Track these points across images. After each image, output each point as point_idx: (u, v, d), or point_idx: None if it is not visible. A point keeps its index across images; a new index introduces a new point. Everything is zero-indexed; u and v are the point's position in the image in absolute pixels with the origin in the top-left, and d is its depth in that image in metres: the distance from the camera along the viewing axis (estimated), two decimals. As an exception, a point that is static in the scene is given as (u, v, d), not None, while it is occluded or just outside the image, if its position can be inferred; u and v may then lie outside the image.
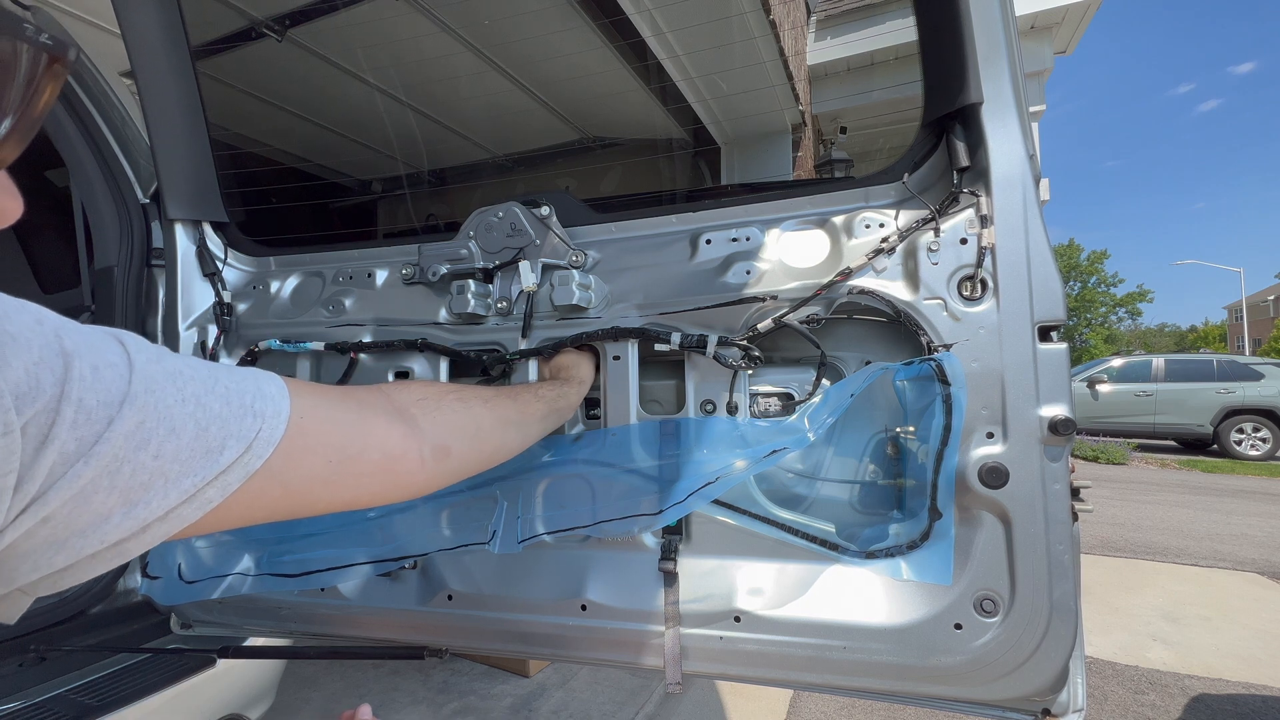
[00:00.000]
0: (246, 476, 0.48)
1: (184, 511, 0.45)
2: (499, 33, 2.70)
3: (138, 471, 0.42)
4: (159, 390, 0.44)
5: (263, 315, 1.36)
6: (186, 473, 0.45)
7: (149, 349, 0.46)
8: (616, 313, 1.12)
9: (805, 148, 4.79)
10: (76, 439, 0.39)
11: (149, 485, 0.43)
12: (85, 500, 0.40)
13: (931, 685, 0.93)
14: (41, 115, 0.32)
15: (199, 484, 0.45)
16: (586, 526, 1.08)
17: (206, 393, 0.47)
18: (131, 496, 0.42)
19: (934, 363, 0.91)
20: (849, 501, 1.07)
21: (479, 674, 2.92)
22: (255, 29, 2.47)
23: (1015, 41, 0.91)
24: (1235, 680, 2.96)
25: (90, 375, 0.40)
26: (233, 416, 0.48)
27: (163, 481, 0.44)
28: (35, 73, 0.32)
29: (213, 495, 0.46)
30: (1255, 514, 6.48)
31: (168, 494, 0.44)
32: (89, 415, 0.40)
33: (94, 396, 0.40)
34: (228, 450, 0.47)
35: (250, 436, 0.48)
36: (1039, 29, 5.63)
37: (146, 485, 0.43)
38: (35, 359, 0.38)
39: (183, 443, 0.44)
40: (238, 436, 0.48)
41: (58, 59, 0.34)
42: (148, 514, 0.43)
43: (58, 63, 0.35)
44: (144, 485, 0.43)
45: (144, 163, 1.54)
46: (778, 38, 3.54)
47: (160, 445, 0.43)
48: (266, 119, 3.10)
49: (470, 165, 3.62)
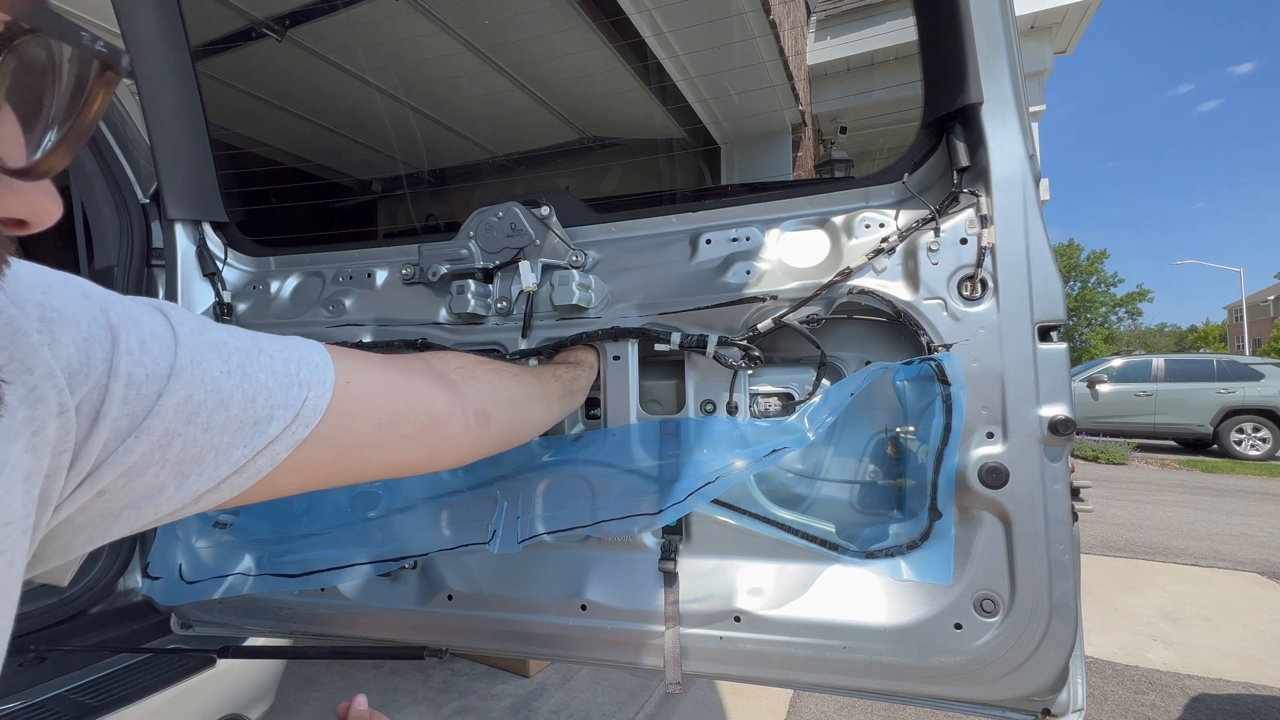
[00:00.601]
0: (295, 445, 0.48)
1: (235, 481, 0.46)
2: (499, 33, 2.70)
3: (189, 445, 0.42)
4: (205, 362, 0.44)
5: (263, 315, 1.36)
6: (236, 444, 0.45)
7: (191, 320, 0.46)
8: (616, 313, 1.12)
9: (805, 148, 4.79)
10: (128, 414, 0.39)
11: (200, 458, 0.43)
12: (138, 474, 0.41)
13: (931, 685, 0.93)
14: (92, 124, 0.32)
15: (249, 454, 0.45)
16: (586, 526, 1.08)
17: (252, 363, 0.47)
18: (183, 469, 0.43)
19: (934, 363, 0.91)
20: (849, 501, 1.07)
21: (479, 674, 2.92)
22: (255, 29, 2.47)
23: (1015, 41, 0.91)
24: (1235, 680, 2.96)
25: (138, 349, 0.40)
26: (279, 386, 0.48)
27: (213, 454, 0.44)
28: (87, 80, 0.31)
29: (263, 465, 0.47)
30: (1255, 514, 6.48)
31: (219, 466, 0.44)
32: (139, 390, 0.40)
33: (143, 370, 0.40)
34: (276, 420, 0.47)
35: (297, 405, 0.48)
36: (1039, 29, 5.63)
37: (198, 458, 0.43)
38: (85, 335, 0.38)
39: (231, 414, 0.44)
40: (285, 406, 0.48)
41: (110, 66, 0.33)
42: (199, 485, 0.43)
43: (110, 70, 0.33)
44: (195, 458, 0.43)
45: (144, 163, 1.54)
46: (778, 38, 3.54)
47: (210, 417, 0.43)
48: (266, 119, 3.10)
49: (470, 165, 3.62)
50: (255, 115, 3.07)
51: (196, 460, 0.43)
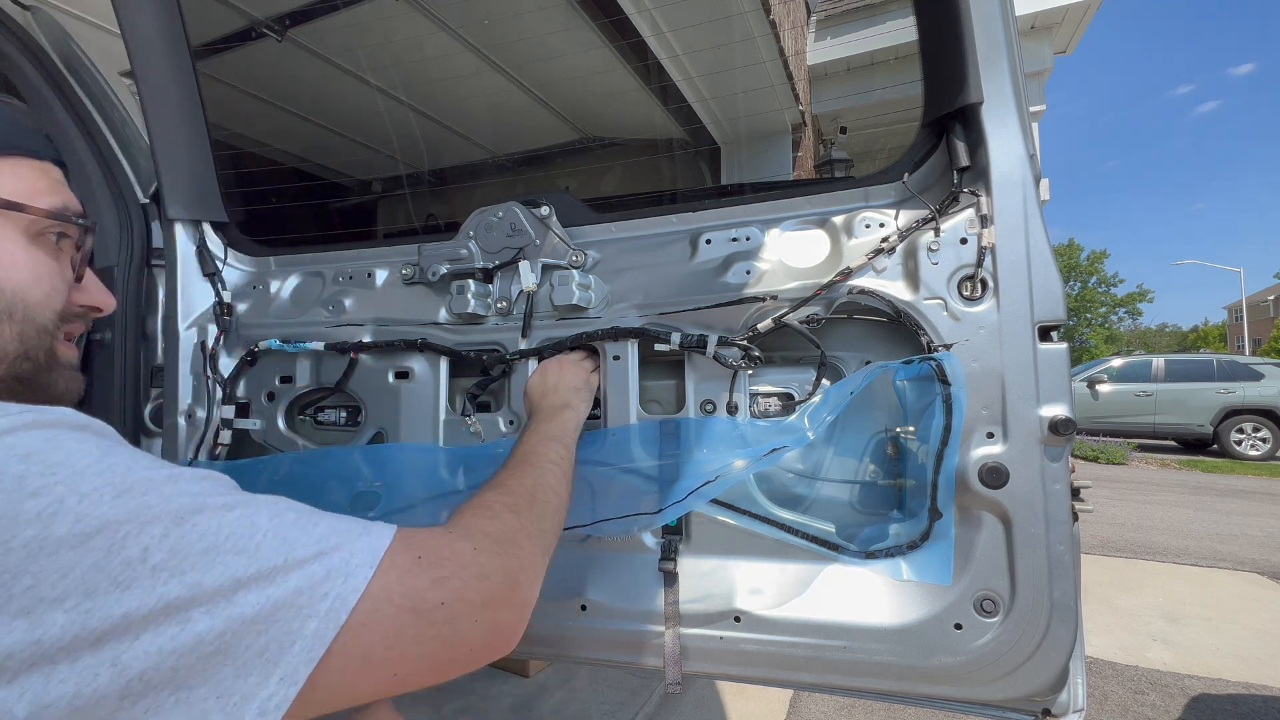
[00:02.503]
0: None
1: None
2: (499, 33, 2.70)
3: None
4: None
5: (263, 315, 1.36)
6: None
7: None
8: (616, 313, 1.12)
9: (805, 148, 4.79)
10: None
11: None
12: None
13: (931, 685, 0.93)
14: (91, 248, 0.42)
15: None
16: (586, 526, 1.08)
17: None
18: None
19: (934, 362, 0.91)
20: (849, 501, 1.07)
21: (479, 674, 2.92)
22: (255, 29, 2.47)
23: (1015, 41, 0.91)
24: (1235, 680, 2.96)
25: None
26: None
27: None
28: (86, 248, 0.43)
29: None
30: (1255, 514, 6.48)
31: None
32: None
33: None
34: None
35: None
36: (1039, 29, 5.63)
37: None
38: None
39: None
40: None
41: (90, 229, 0.56)
42: None
43: (90, 230, 0.59)
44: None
45: (144, 163, 1.53)
46: (778, 38, 3.54)
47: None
48: (266, 119, 3.10)
49: (470, 165, 3.62)
50: (255, 115, 3.07)
51: None
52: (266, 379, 1.34)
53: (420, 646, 0.48)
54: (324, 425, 1.35)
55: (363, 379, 1.27)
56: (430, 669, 0.50)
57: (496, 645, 0.56)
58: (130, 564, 0.36)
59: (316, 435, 1.35)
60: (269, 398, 1.34)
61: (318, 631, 0.42)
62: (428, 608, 0.49)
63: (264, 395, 1.34)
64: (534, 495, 0.76)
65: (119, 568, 0.36)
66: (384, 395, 1.25)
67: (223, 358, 1.34)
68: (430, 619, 0.49)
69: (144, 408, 1.44)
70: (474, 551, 0.56)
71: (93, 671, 0.34)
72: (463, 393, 1.21)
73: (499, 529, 0.63)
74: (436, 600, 0.50)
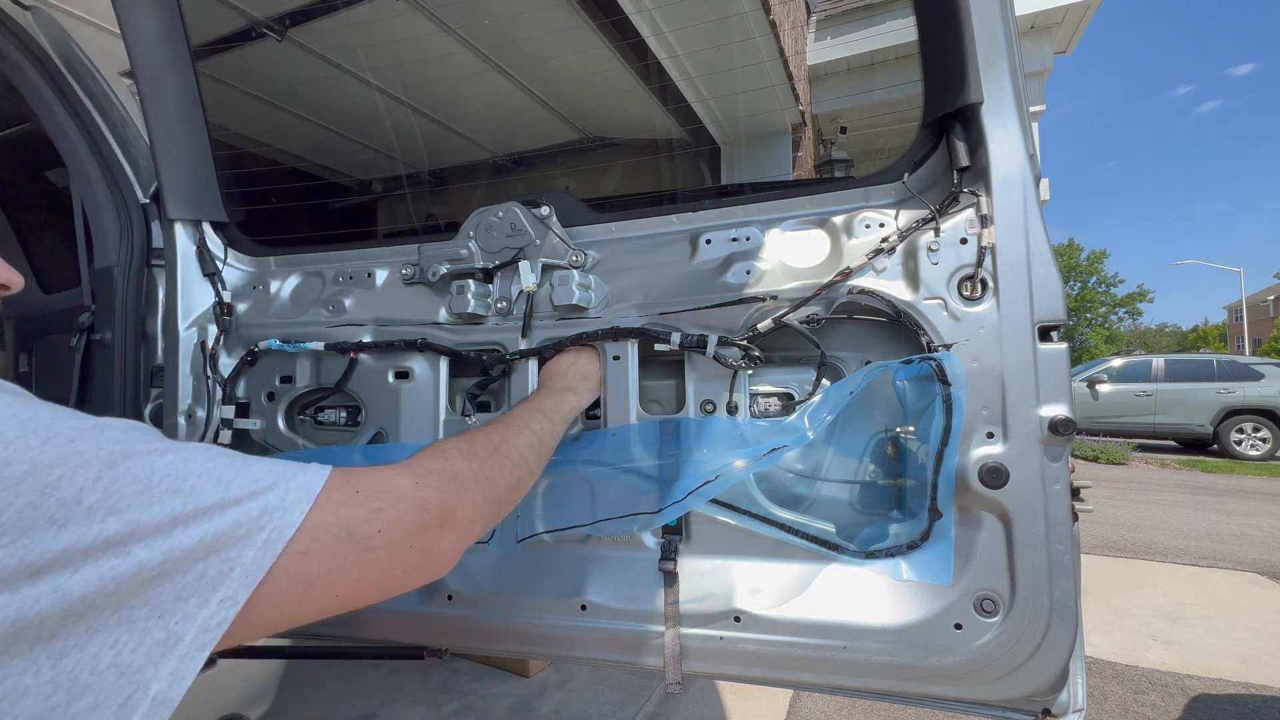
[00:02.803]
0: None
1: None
2: (499, 33, 2.70)
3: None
4: None
5: (263, 315, 1.36)
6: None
7: None
8: (616, 313, 1.12)
9: (805, 148, 4.79)
10: None
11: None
12: None
13: (931, 685, 0.93)
14: None
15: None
16: (586, 525, 1.08)
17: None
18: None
19: (934, 362, 0.91)
20: (849, 501, 1.07)
21: (479, 674, 2.92)
22: (255, 29, 2.47)
23: (1015, 41, 0.91)
24: (1235, 680, 2.96)
25: None
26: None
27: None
28: None
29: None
30: (1255, 514, 6.48)
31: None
32: None
33: None
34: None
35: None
36: (1039, 29, 5.64)
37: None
38: None
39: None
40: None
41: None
42: None
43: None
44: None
45: (144, 163, 1.53)
46: (778, 38, 3.55)
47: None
48: (266, 119, 3.10)
49: (470, 165, 3.62)
50: (255, 115, 3.07)
51: None
52: (266, 379, 1.34)
53: (359, 571, 0.53)
54: (324, 425, 1.35)
55: (363, 379, 1.27)
56: (369, 591, 0.55)
57: (430, 569, 0.61)
58: (65, 504, 0.38)
59: (316, 435, 1.35)
60: (269, 398, 1.34)
61: (255, 559, 0.45)
62: (365, 536, 0.53)
63: (264, 395, 1.34)
64: (495, 449, 0.78)
65: (54, 507, 0.38)
66: (384, 395, 1.25)
67: (223, 358, 1.34)
68: (367, 546, 0.53)
69: (144, 408, 1.44)
70: (415, 486, 0.61)
71: (34, 598, 0.36)
72: (463, 393, 1.21)
73: (445, 468, 0.68)
74: (373, 529, 0.54)
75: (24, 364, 1.95)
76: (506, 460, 0.79)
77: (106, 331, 1.44)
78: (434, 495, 0.62)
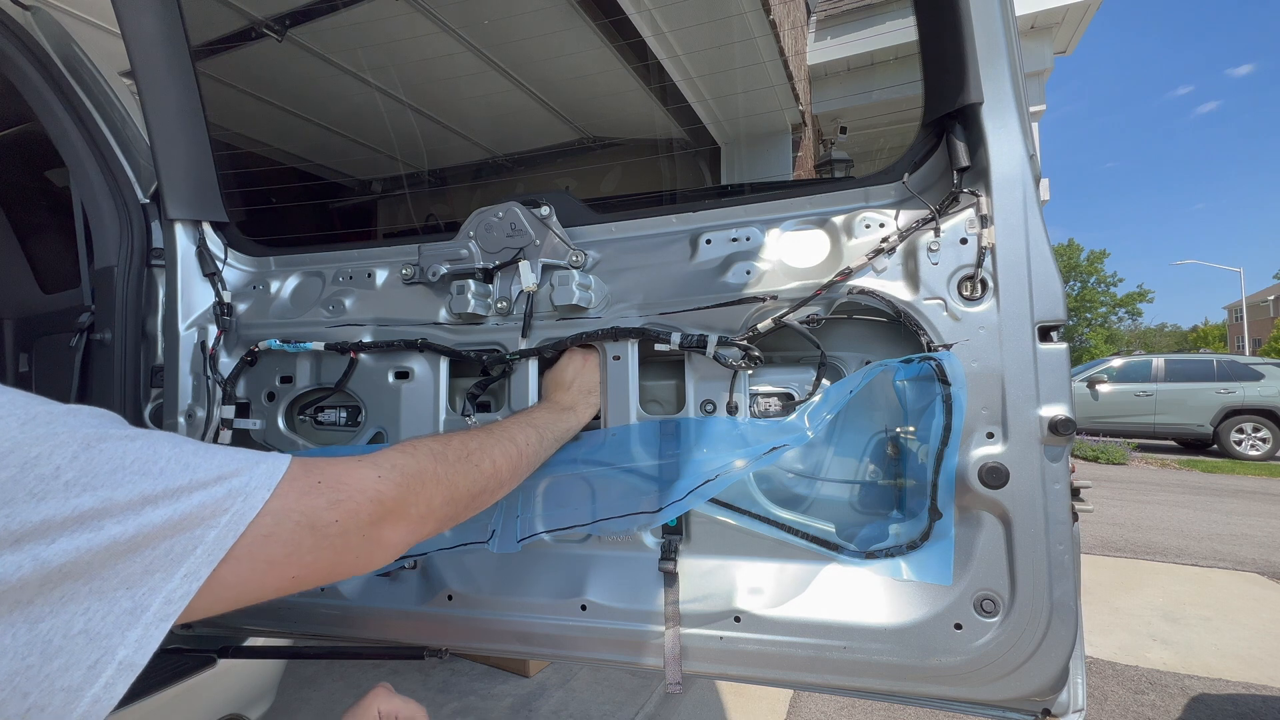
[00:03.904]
0: None
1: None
2: (499, 33, 2.70)
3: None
4: None
5: (263, 315, 1.36)
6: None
7: None
8: (616, 313, 1.12)
9: (805, 148, 4.79)
10: None
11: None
12: None
13: (931, 685, 0.93)
14: None
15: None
16: (586, 525, 1.08)
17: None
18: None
19: (934, 362, 0.91)
20: (849, 501, 1.07)
21: (479, 674, 2.92)
22: (255, 29, 2.47)
23: (1015, 41, 0.91)
24: (1235, 680, 2.96)
25: None
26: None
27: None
28: None
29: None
30: (1255, 514, 6.48)
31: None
32: None
33: None
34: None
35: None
36: (1039, 29, 5.64)
37: None
38: None
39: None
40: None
41: None
42: None
43: None
44: None
45: (144, 163, 1.53)
46: (778, 38, 3.55)
47: None
48: (266, 119, 3.10)
49: (470, 165, 3.62)
50: (255, 115, 3.07)
51: None
52: (266, 379, 1.34)
53: (315, 554, 0.57)
54: (324, 425, 1.35)
55: (363, 379, 1.27)
56: (324, 573, 0.59)
57: (378, 557, 0.65)
58: (44, 479, 0.41)
59: (316, 435, 1.35)
60: (269, 398, 1.34)
61: (218, 539, 0.48)
62: (323, 524, 0.57)
63: (264, 395, 1.34)
64: (468, 455, 0.81)
65: (34, 482, 0.41)
66: (384, 395, 1.25)
67: (223, 358, 1.34)
68: (325, 533, 0.57)
69: (144, 408, 1.44)
70: (377, 479, 0.65)
71: (15, 565, 0.39)
72: (463, 393, 1.21)
73: (410, 465, 0.71)
74: (331, 519, 0.58)
75: (24, 364, 1.95)
76: (475, 468, 0.81)
77: (106, 331, 1.44)
78: (392, 490, 0.66)
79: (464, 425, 1.18)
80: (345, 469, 0.63)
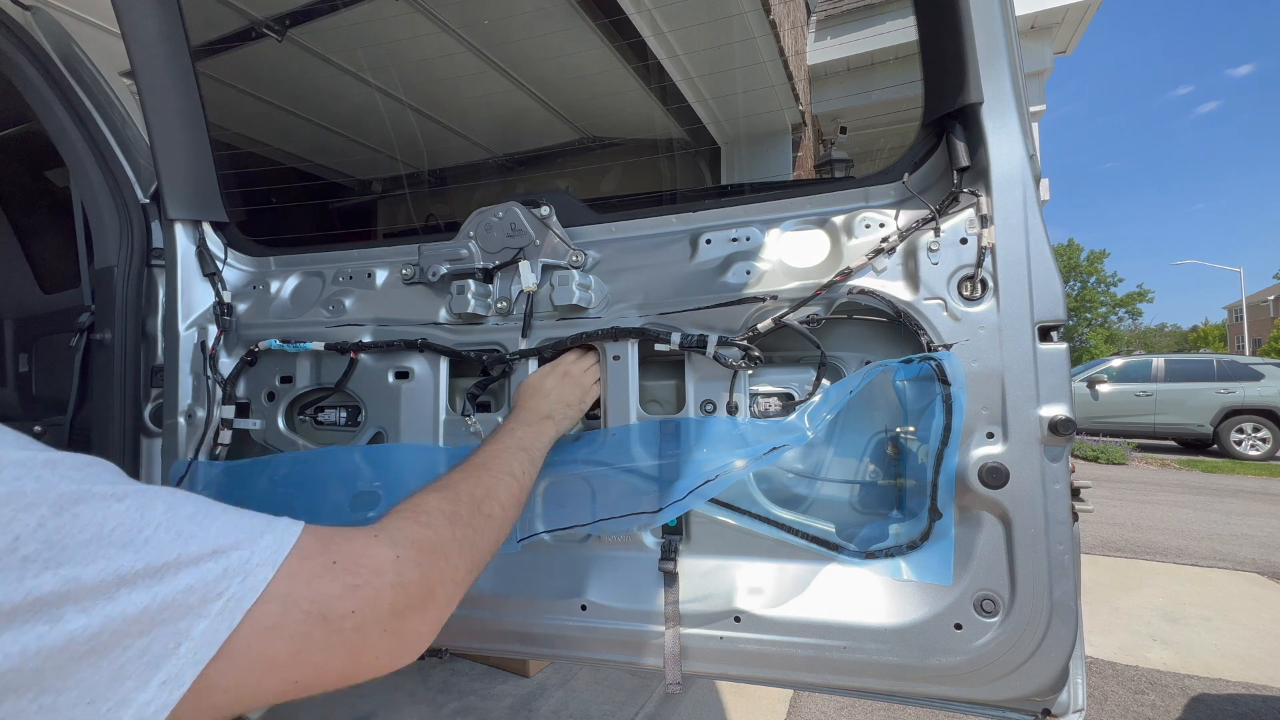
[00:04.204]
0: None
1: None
2: (499, 33, 2.70)
3: None
4: None
5: (263, 315, 1.36)
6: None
7: None
8: (616, 313, 1.12)
9: (805, 148, 4.79)
10: None
11: None
12: None
13: (932, 685, 0.93)
14: None
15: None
16: (586, 525, 1.08)
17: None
18: None
19: (934, 362, 0.91)
20: (849, 501, 1.07)
21: (479, 674, 2.92)
22: (255, 29, 2.47)
23: (1015, 41, 0.91)
24: (1235, 680, 2.96)
25: None
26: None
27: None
28: None
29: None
30: (1255, 514, 6.48)
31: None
32: None
33: None
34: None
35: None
36: (1039, 29, 5.64)
37: None
38: None
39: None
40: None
41: None
42: None
43: None
44: None
45: (144, 163, 1.53)
46: (778, 38, 3.55)
47: None
48: (266, 119, 3.10)
49: (470, 165, 3.62)
50: (255, 115, 3.07)
51: None
52: (266, 379, 1.34)
53: (327, 653, 0.47)
54: (324, 425, 1.35)
55: (363, 379, 1.27)
56: (336, 676, 0.49)
57: (404, 654, 0.55)
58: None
59: (316, 435, 1.35)
60: (269, 398, 1.34)
61: (207, 633, 0.39)
62: (337, 615, 0.47)
63: (264, 395, 1.34)
64: (479, 506, 0.73)
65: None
66: (384, 395, 1.25)
67: (223, 358, 1.34)
68: (339, 627, 0.47)
69: (144, 408, 1.44)
70: (395, 560, 0.55)
71: None
72: (463, 393, 1.21)
73: (428, 538, 0.61)
74: (347, 609, 0.48)
75: (24, 364, 1.95)
76: (490, 519, 0.73)
77: (106, 331, 1.44)
78: (414, 571, 0.56)
79: (465, 425, 1.18)
80: (361, 546, 0.53)
